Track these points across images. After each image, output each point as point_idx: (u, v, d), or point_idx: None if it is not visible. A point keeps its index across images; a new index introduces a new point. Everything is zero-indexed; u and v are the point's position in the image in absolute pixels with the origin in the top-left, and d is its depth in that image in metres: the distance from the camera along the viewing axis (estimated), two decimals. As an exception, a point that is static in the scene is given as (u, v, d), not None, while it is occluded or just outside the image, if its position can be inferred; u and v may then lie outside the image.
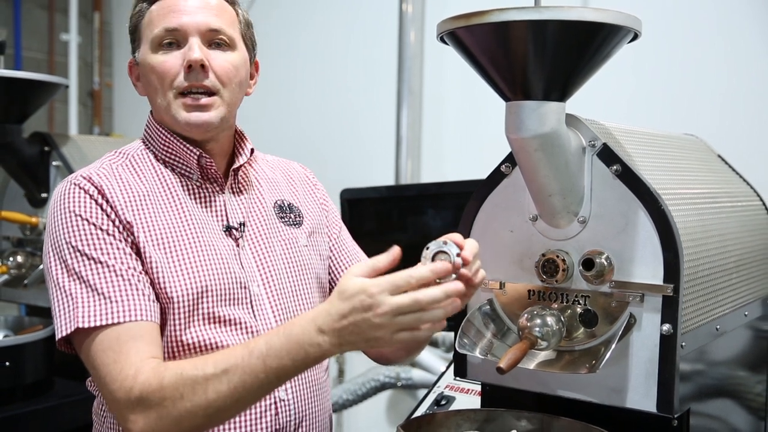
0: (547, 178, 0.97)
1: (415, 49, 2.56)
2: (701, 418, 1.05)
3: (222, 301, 1.11)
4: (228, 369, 0.96)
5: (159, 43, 1.13)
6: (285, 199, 1.25)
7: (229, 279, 1.11)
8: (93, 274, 1.04)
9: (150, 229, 1.09)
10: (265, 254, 1.17)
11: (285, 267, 1.18)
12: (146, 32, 1.15)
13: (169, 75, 1.12)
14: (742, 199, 1.26)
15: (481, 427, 1.04)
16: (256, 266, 1.16)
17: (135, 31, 1.17)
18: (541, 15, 0.85)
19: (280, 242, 1.20)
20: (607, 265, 0.98)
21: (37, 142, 1.96)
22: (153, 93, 1.15)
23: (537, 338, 0.98)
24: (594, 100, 1.20)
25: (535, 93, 0.91)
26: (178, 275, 1.08)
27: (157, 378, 0.98)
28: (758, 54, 1.99)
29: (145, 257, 1.07)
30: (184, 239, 1.10)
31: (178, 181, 1.15)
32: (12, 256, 1.96)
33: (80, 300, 1.03)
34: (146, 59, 1.14)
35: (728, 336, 1.12)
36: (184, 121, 1.12)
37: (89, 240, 1.06)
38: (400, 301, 0.87)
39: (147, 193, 1.12)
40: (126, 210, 1.09)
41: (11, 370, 1.77)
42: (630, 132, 1.10)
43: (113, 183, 1.10)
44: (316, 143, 2.96)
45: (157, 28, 1.13)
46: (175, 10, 1.13)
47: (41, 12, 3.64)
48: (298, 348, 0.93)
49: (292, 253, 1.20)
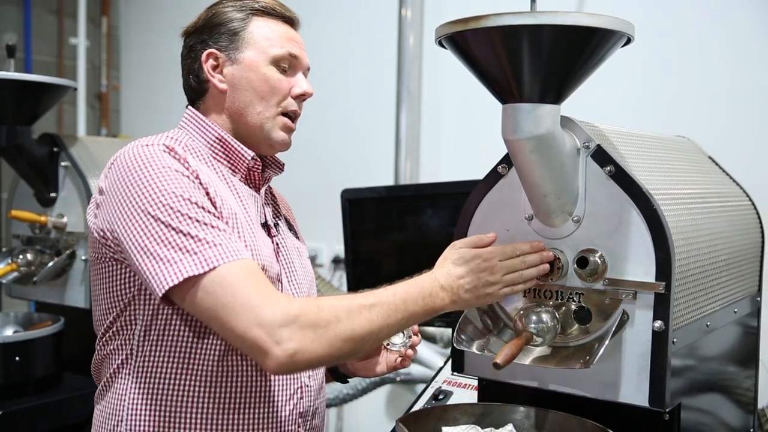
0: (542, 179, 0.99)
1: (414, 53, 2.58)
2: (692, 412, 1.06)
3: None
4: (376, 303, 1.03)
5: (278, 61, 1.19)
6: (288, 216, 1.34)
7: (272, 268, 1.17)
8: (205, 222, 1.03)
9: (222, 206, 1.10)
10: (288, 256, 1.24)
11: (302, 272, 1.26)
12: (262, 44, 1.19)
13: (281, 93, 1.19)
14: (732, 199, 1.27)
15: (478, 421, 1.06)
16: (285, 264, 1.22)
17: (237, 34, 1.19)
18: (537, 20, 0.86)
19: (296, 249, 1.28)
20: (600, 264, 1.00)
21: (47, 143, 1.98)
22: (251, 98, 1.18)
23: (532, 334, 0.99)
24: (588, 103, 1.21)
25: (531, 96, 0.92)
26: (251, 241, 1.11)
27: (314, 301, 1.02)
28: (749, 57, 2.01)
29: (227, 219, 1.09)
30: (247, 221, 1.14)
31: (228, 174, 1.19)
32: (22, 254, 1.99)
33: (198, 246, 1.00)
34: (260, 68, 1.18)
35: (718, 332, 1.14)
36: (280, 139, 1.20)
37: (192, 192, 1.05)
38: (511, 263, 1.05)
39: (211, 176, 1.14)
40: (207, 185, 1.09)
41: (21, 365, 1.80)
42: (623, 134, 1.12)
43: (193, 161, 1.11)
44: (317, 144, 2.97)
45: (282, 48, 1.19)
46: (295, 40, 1.22)
47: (50, 17, 3.67)
48: (426, 298, 1.04)
49: (303, 260, 1.29)
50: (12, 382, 1.79)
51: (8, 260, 1.99)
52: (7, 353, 1.79)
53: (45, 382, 1.86)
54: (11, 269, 1.98)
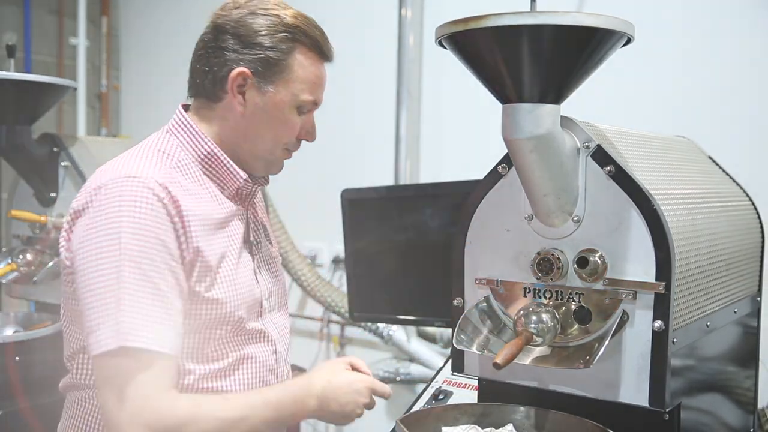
0: (542, 179, 0.99)
1: (414, 53, 2.58)
2: (692, 412, 1.06)
3: (250, 313, 1.18)
4: (249, 416, 1.08)
5: (302, 106, 1.16)
6: (264, 219, 1.32)
7: (254, 295, 1.18)
8: (151, 296, 1.01)
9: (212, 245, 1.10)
10: (265, 273, 1.25)
11: (275, 284, 1.27)
12: (296, 84, 1.14)
13: (293, 135, 1.19)
14: (732, 199, 1.27)
15: (478, 421, 1.05)
16: (263, 281, 1.22)
17: (277, 64, 1.12)
18: (537, 20, 0.86)
19: (269, 261, 1.27)
20: (600, 264, 1.00)
21: (47, 142, 1.98)
22: (263, 133, 1.15)
23: (532, 334, 0.99)
24: (588, 103, 1.21)
25: (531, 96, 0.92)
26: (225, 305, 1.12)
27: (192, 415, 1.04)
28: (749, 57, 2.01)
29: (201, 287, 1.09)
30: (232, 256, 1.14)
31: (215, 191, 1.16)
32: (22, 254, 1.99)
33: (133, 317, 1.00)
34: (283, 108, 1.15)
35: (718, 332, 1.14)
36: (275, 171, 1.23)
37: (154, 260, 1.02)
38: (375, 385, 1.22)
39: (206, 202, 1.12)
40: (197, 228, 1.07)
41: (21, 365, 1.80)
42: (623, 134, 1.12)
43: (184, 196, 1.07)
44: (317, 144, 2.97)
45: (310, 95, 1.16)
46: (322, 83, 1.19)
47: (50, 17, 3.67)
48: (298, 403, 1.15)
49: (277, 271, 1.30)
50: (12, 382, 1.79)
51: (8, 260, 2.00)
52: (7, 353, 1.79)
53: (45, 382, 1.86)
54: (11, 269, 1.98)
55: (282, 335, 1.26)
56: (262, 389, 1.18)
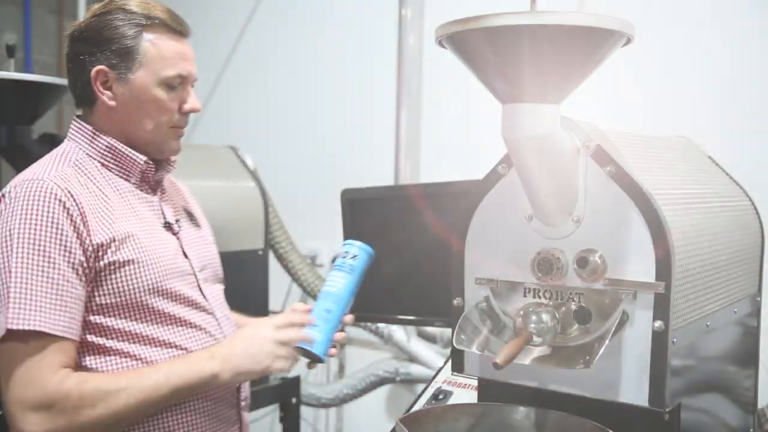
0: (542, 179, 0.99)
1: (414, 53, 2.58)
2: (692, 412, 1.06)
3: (184, 284, 1.25)
4: (136, 384, 1.12)
5: (168, 82, 1.23)
6: (187, 206, 1.41)
7: (183, 266, 1.26)
8: (41, 282, 1.10)
9: (120, 230, 1.18)
10: (194, 248, 1.32)
11: (207, 259, 1.35)
12: (154, 66, 1.22)
13: (170, 112, 1.25)
14: (732, 199, 1.27)
15: (478, 421, 1.06)
16: (193, 257, 1.30)
17: (130, 53, 1.22)
18: (537, 20, 0.86)
19: (198, 239, 1.36)
20: (600, 264, 1.00)
21: (47, 142, 1.98)
22: (143, 119, 1.24)
23: (532, 334, 0.99)
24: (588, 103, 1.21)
25: (531, 96, 0.92)
26: (154, 259, 1.20)
27: (77, 387, 1.09)
28: (749, 57, 2.01)
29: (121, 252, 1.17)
30: (145, 231, 1.22)
31: (119, 183, 1.25)
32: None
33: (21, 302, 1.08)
34: (149, 89, 1.22)
35: (718, 332, 1.14)
36: (173, 148, 1.29)
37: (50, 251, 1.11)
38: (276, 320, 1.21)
39: (105, 196, 1.20)
40: (97, 222, 1.16)
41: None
42: (623, 134, 1.12)
43: (83, 194, 1.16)
44: (317, 144, 2.98)
45: (171, 71, 1.23)
46: (183, 57, 1.25)
47: (51, 17, 3.67)
48: (194, 368, 1.15)
49: (208, 249, 1.38)
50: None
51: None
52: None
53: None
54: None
55: (219, 304, 1.34)
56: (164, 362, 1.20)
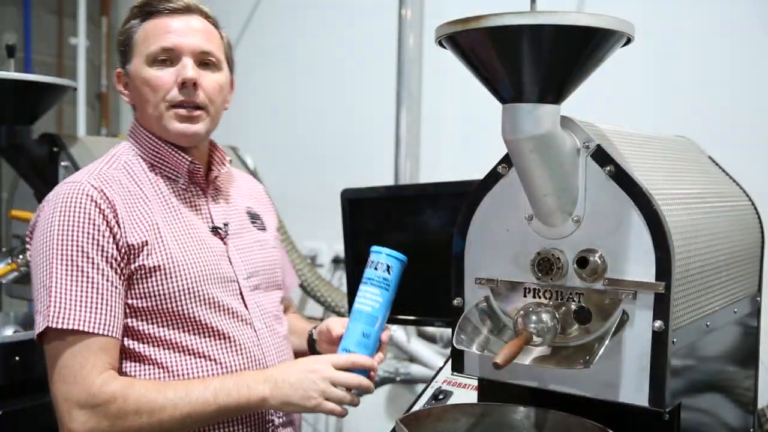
0: (542, 179, 0.99)
1: (414, 53, 2.58)
2: (692, 412, 1.06)
3: (220, 291, 1.22)
4: (184, 397, 1.10)
5: (154, 59, 1.22)
6: (252, 208, 1.39)
7: (223, 273, 1.23)
8: (81, 282, 1.12)
9: (154, 234, 1.18)
10: (245, 253, 1.30)
11: (262, 265, 1.32)
12: (140, 47, 1.23)
13: (163, 89, 1.21)
14: (732, 200, 1.27)
15: (478, 421, 1.06)
16: (241, 263, 1.28)
17: (126, 44, 1.25)
18: (537, 20, 0.86)
19: (255, 243, 1.33)
20: (600, 264, 1.00)
21: (47, 143, 1.99)
22: (144, 103, 1.24)
23: (532, 334, 0.99)
24: (588, 103, 1.22)
25: (531, 95, 0.92)
26: (184, 267, 1.18)
27: (122, 392, 1.09)
28: (749, 57, 2.01)
29: (152, 257, 1.16)
30: (183, 236, 1.21)
31: (166, 184, 1.25)
32: (22, 254, 1.99)
33: (62, 301, 1.10)
34: (140, 72, 1.22)
35: (718, 332, 1.14)
36: (176, 130, 1.23)
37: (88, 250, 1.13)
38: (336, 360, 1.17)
39: (146, 198, 1.21)
40: (131, 223, 1.16)
41: (21, 365, 1.80)
42: (623, 134, 1.12)
43: (120, 195, 1.18)
44: (317, 144, 2.98)
45: (153, 45, 1.22)
46: (170, 30, 1.22)
47: (50, 17, 3.67)
48: (242, 389, 1.12)
49: (265, 253, 1.35)
50: (12, 382, 1.79)
51: (8, 260, 2.00)
52: (7, 353, 1.79)
53: (45, 382, 1.85)
54: (11, 269, 1.99)
55: (263, 314, 1.30)
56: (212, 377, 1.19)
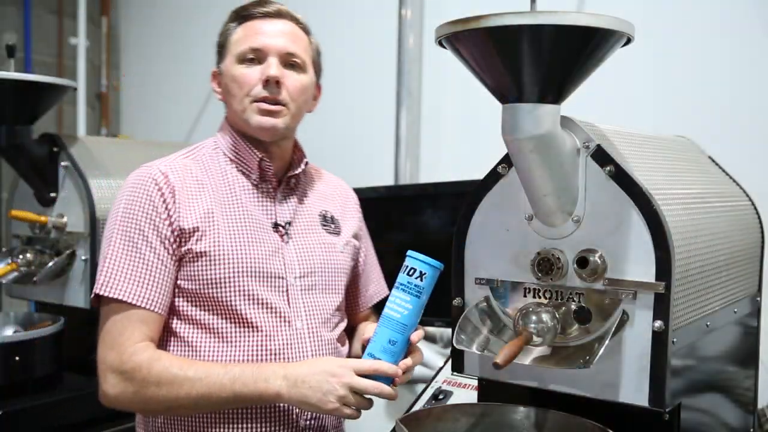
0: (542, 179, 0.99)
1: (414, 53, 2.58)
2: (692, 412, 1.06)
3: (262, 286, 1.26)
4: (203, 378, 1.15)
5: (243, 58, 1.30)
6: (329, 211, 1.42)
7: (270, 268, 1.28)
8: (133, 257, 1.21)
9: (208, 221, 1.25)
10: (305, 252, 1.33)
11: (321, 266, 1.35)
12: (233, 48, 1.32)
13: (248, 84, 1.29)
14: (732, 200, 1.27)
15: (478, 421, 1.06)
16: (297, 261, 1.31)
17: (223, 45, 1.34)
18: (537, 20, 0.86)
19: (320, 245, 1.36)
20: (600, 264, 1.00)
21: (47, 142, 1.98)
22: (231, 99, 1.32)
23: (532, 334, 0.99)
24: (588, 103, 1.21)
25: (531, 95, 0.92)
26: (230, 257, 1.24)
27: (148, 363, 1.17)
28: (749, 57, 2.01)
29: (200, 243, 1.23)
30: (238, 228, 1.27)
31: (238, 178, 1.32)
32: (22, 254, 1.99)
33: (112, 272, 1.21)
34: (230, 70, 1.31)
35: (718, 332, 1.14)
36: (256, 123, 1.30)
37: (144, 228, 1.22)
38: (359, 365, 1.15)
39: (211, 188, 1.29)
40: (187, 209, 1.24)
41: (21, 365, 1.80)
42: (623, 134, 1.12)
43: (183, 182, 1.26)
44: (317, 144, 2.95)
45: (243, 45, 1.30)
46: (260, 32, 1.30)
47: (50, 17, 3.67)
48: (260, 382, 1.15)
49: (329, 255, 1.37)
50: (12, 382, 1.79)
51: (8, 260, 2.00)
52: (7, 353, 1.79)
53: (45, 382, 1.86)
54: (11, 269, 1.98)
55: (310, 315, 1.31)
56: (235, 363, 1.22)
